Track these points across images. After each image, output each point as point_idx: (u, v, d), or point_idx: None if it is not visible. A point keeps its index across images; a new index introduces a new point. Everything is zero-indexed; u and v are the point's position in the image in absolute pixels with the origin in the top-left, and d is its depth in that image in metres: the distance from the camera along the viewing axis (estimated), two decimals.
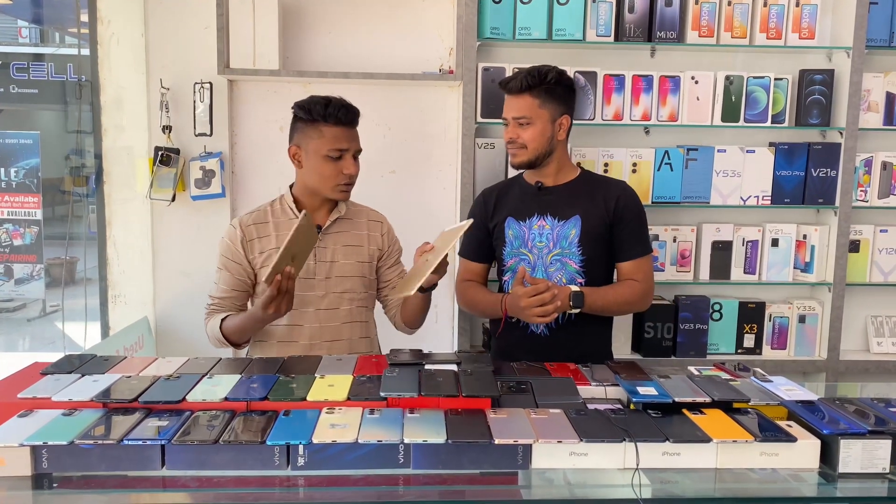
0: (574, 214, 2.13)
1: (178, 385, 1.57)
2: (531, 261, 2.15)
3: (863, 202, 2.88)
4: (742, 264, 2.90)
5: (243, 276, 2.07)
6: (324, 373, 1.69)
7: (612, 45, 2.83)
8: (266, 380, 1.62)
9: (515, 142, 2.11)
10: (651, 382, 1.66)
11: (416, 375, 1.63)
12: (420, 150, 2.93)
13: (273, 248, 2.06)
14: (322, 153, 2.00)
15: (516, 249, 2.17)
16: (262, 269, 2.05)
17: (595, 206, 2.13)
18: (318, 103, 1.99)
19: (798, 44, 2.82)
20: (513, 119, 2.10)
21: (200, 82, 2.79)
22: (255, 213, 2.12)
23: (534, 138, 2.09)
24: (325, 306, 2.07)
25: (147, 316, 2.91)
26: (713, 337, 2.91)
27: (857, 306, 3.00)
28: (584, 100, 2.80)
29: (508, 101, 2.12)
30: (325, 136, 1.99)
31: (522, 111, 2.08)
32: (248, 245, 2.06)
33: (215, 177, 2.80)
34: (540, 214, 2.15)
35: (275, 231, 2.08)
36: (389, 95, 2.91)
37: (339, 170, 2.01)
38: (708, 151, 2.85)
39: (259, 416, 1.45)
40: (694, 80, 2.81)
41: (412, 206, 2.89)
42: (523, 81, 2.07)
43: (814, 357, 2.93)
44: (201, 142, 2.83)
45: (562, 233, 2.13)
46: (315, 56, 2.88)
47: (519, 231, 2.16)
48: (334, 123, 1.99)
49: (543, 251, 2.14)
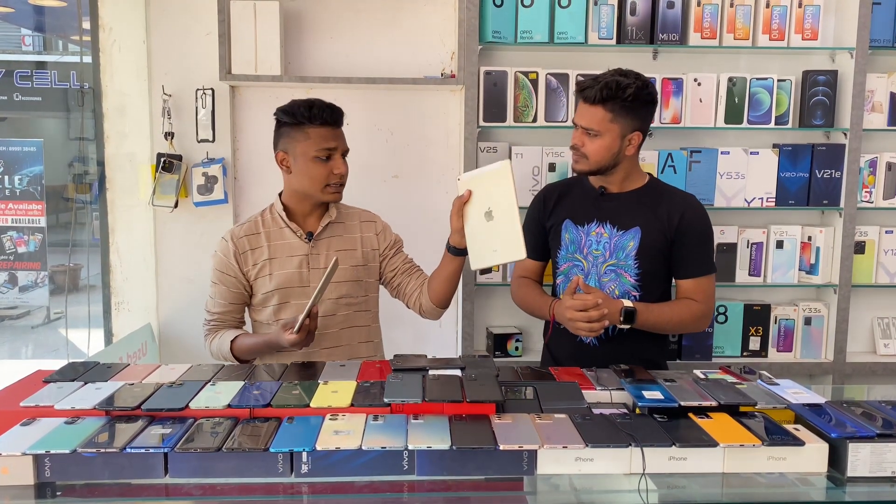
0: (634, 225, 2.04)
1: (180, 392, 1.56)
2: (585, 268, 2.09)
3: (868, 203, 2.87)
4: (747, 266, 2.89)
5: (239, 289, 2.06)
6: (327, 379, 1.68)
7: (614, 48, 2.81)
8: (269, 386, 1.61)
9: (579, 149, 2.02)
10: (657, 386, 1.64)
11: (420, 381, 1.61)
12: (422, 155, 2.93)
13: (265, 259, 2.05)
14: (310, 155, 1.98)
15: (571, 254, 2.11)
16: (258, 281, 2.04)
17: (657, 219, 2.03)
18: (302, 106, 1.98)
19: (801, 45, 2.81)
20: (581, 127, 2.00)
21: (202, 88, 2.79)
22: (247, 224, 2.10)
23: (598, 151, 1.99)
24: (322, 313, 2.04)
25: (150, 323, 2.90)
26: (718, 340, 2.89)
27: (863, 308, 2.98)
28: None
29: (581, 107, 2.01)
30: (311, 138, 1.98)
31: (592, 123, 1.97)
32: (241, 258, 2.05)
33: (218, 183, 2.79)
34: (599, 221, 2.07)
35: (266, 242, 2.06)
36: (391, 100, 2.90)
37: (329, 170, 2.00)
38: (711, 153, 2.83)
39: (262, 423, 1.43)
40: (697, 83, 2.80)
41: (414, 211, 2.88)
42: (599, 93, 1.95)
43: (820, 359, 2.91)
44: (203, 148, 2.83)
45: (619, 243, 2.05)
46: (317, 61, 2.87)
47: (576, 235, 2.09)
48: (320, 124, 1.98)
49: (598, 259, 2.07)
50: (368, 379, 1.67)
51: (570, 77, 2.77)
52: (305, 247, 2.07)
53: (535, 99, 2.78)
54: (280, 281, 2.04)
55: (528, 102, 2.78)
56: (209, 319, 2.09)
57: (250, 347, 2.01)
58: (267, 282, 2.05)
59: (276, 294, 2.05)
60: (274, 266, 2.05)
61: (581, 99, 2.01)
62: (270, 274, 2.04)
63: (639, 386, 1.64)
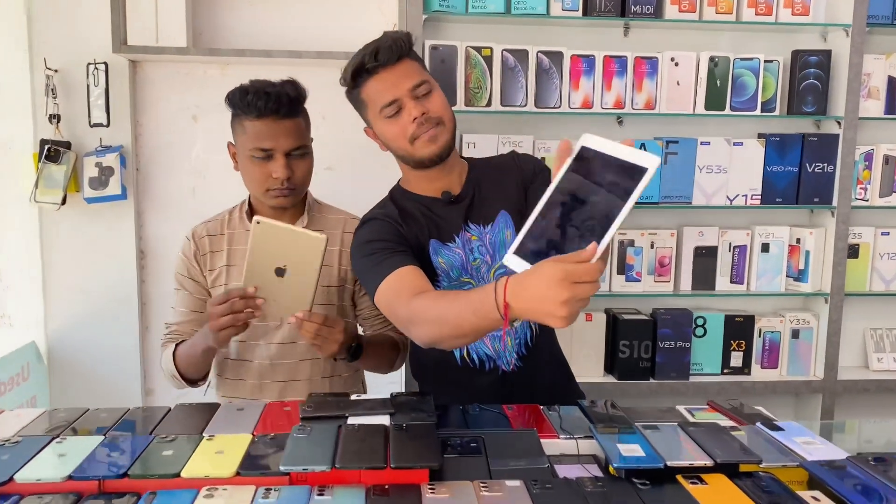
0: (497, 209, 1.61)
1: (11, 456, 1.16)
2: (475, 287, 1.55)
3: (862, 201, 2.56)
4: (728, 273, 2.56)
5: (203, 296, 1.75)
6: (214, 431, 1.29)
7: (580, 21, 2.46)
8: (135, 444, 1.23)
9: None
10: (636, 436, 1.30)
11: (333, 435, 1.24)
12: (360, 143, 2.47)
13: (223, 265, 1.73)
14: (246, 153, 1.65)
15: (456, 280, 1.63)
16: (214, 291, 1.73)
17: (507, 187, 1.64)
18: (239, 90, 1.65)
19: (790, 20, 2.48)
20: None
21: (94, 63, 2.35)
22: (212, 222, 1.78)
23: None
24: (279, 339, 1.71)
25: (35, 340, 2.46)
26: (696, 356, 2.56)
27: (854, 318, 2.68)
28: (548, 84, 2.43)
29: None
30: (247, 133, 1.64)
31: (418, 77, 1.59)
32: (202, 260, 1.74)
33: (114, 175, 2.36)
34: (464, 227, 1.61)
35: (228, 245, 1.74)
36: (322, 78, 2.46)
37: (268, 173, 1.65)
38: (690, 144, 2.49)
39: (117, 501, 1.05)
40: (674, 62, 2.45)
41: (352, 209, 2.48)
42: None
43: (809, 377, 2.60)
44: (97, 133, 2.39)
45: (495, 239, 1.62)
46: (233, 32, 2.46)
47: (451, 256, 1.62)
48: (256, 116, 1.62)
49: (483, 270, 1.62)
50: (269, 431, 1.29)
51: (530, 54, 2.41)
52: None
53: (489, 79, 2.41)
54: None
55: (482, 83, 2.41)
56: (165, 333, 1.78)
57: (187, 355, 1.66)
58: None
59: None
60: (231, 275, 1.71)
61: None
62: (225, 284, 1.71)
63: (613, 435, 1.30)
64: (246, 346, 1.73)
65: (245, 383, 1.74)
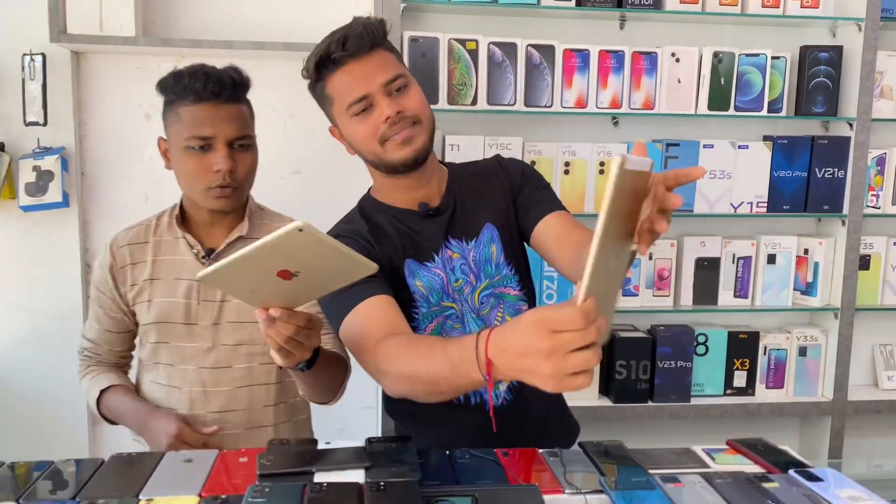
0: (483, 222, 1.42)
1: None
2: (458, 312, 1.42)
3: (874, 209, 2.38)
4: (732, 286, 2.37)
5: (118, 315, 1.56)
6: (155, 492, 1.08)
7: (572, 12, 2.25)
8: None
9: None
10: (655, 493, 1.12)
11: (297, 498, 1.04)
12: (331, 144, 2.26)
13: (146, 279, 1.50)
14: (181, 144, 1.44)
15: (436, 304, 1.41)
16: (137, 308, 1.53)
17: (493, 197, 1.45)
18: (173, 74, 1.45)
19: (799, 14, 2.29)
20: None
21: (30, 54, 2.09)
22: (136, 229, 1.57)
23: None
24: (212, 364, 1.51)
25: None
26: (698, 376, 2.37)
27: (863, 333, 2.49)
28: (539, 81, 2.21)
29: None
30: (182, 121, 1.44)
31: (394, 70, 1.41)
32: (119, 274, 1.53)
33: (54, 180, 2.10)
34: (444, 244, 1.42)
35: (153, 255, 1.53)
36: (289, 73, 2.23)
37: (207, 166, 1.43)
38: (691, 147, 2.29)
39: None
40: (675, 58, 2.25)
41: (321, 218, 2.22)
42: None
43: (817, 398, 2.41)
44: (34, 133, 2.13)
45: (480, 255, 1.41)
46: (190, 20, 2.21)
47: (430, 278, 1.41)
48: (193, 101, 1.42)
49: (466, 292, 1.41)
50: (220, 491, 1.08)
51: (519, 48, 2.19)
52: (200, 269, 1.52)
53: (474, 75, 2.19)
54: (158, 312, 1.51)
55: (466, 79, 2.19)
56: (84, 347, 1.61)
57: (118, 412, 1.54)
58: (145, 310, 1.51)
59: (152, 329, 1.52)
60: (156, 290, 1.52)
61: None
62: (150, 300, 1.52)
63: (629, 492, 1.10)
64: (176, 371, 1.51)
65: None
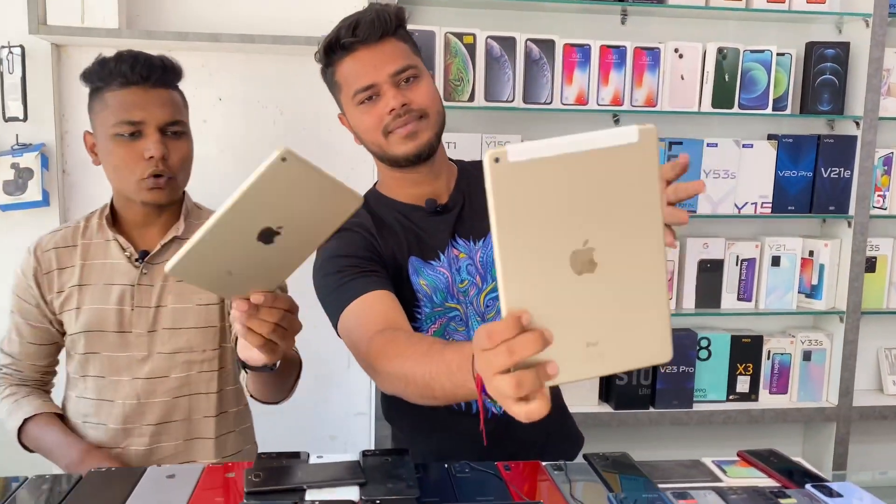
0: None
1: None
2: (462, 314, 1.38)
3: (880, 210, 2.32)
4: (735, 289, 2.30)
5: (43, 324, 1.46)
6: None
7: (573, 6, 2.19)
8: None
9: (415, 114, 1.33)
10: None
11: None
12: (322, 140, 2.20)
13: (74, 285, 1.41)
14: (108, 133, 1.36)
15: (440, 304, 1.37)
16: (64, 316, 1.43)
17: None
18: (100, 61, 1.39)
19: (805, 8, 2.22)
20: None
21: (8, 46, 2.00)
22: (62, 231, 1.48)
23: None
24: (147, 374, 1.42)
25: None
26: (700, 381, 2.30)
27: (867, 337, 2.43)
28: (538, 77, 2.15)
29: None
30: (109, 106, 1.36)
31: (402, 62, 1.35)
32: (43, 280, 1.44)
33: (34, 178, 2.02)
34: (450, 243, 1.38)
35: (81, 259, 1.44)
36: (279, 66, 2.18)
37: (138, 155, 1.35)
38: (695, 146, 2.23)
39: None
40: (678, 54, 2.19)
41: None
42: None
43: (821, 403, 2.35)
44: (13, 129, 2.05)
45: (487, 256, 1.37)
46: (176, 12, 2.13)
47: (435, 277, 1.36)
48: (120, 85, 1.35)
49: (471, 294, 1.36)
50: None
51: (518, 42, 2.12)
52: (134, 272, 1.43)
53: (471, 70, 2.12)
54: (88, 320, 1.41)
55: (463, 75, 2.12)
56: (2, 364, 1.51)
57: (45, 446, 1.43)
58: (73, 318, 1.42)
59: (81, 339, 1.42)
60: (84, 296, 1.43)
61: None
62: (78, 308, 1.42)
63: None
64: (108, 383, 1.42)
65: (106, 429, 1.43)
